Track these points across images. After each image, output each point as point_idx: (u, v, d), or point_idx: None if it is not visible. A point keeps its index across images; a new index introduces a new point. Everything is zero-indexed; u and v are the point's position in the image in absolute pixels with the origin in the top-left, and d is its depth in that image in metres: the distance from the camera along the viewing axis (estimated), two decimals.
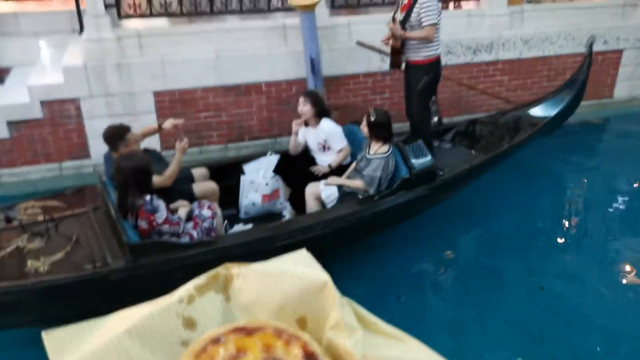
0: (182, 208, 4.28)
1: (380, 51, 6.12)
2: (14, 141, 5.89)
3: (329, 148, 4.99)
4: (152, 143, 5.67)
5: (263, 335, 0.41)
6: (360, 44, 6.21)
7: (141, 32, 6.14)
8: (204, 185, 4.81)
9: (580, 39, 7.53)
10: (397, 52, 5.25)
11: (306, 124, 5.00)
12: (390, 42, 5.23)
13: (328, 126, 4.93)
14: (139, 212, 3.80)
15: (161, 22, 6.50)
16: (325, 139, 4.95)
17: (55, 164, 6.07)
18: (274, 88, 6.49)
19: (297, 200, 4.87)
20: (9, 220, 4.08)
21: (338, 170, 4.95)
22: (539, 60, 7.48)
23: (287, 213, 5.02)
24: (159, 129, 4.85)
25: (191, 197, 4.59)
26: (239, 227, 4.78)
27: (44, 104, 5.87)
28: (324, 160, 5.01)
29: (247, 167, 5.13)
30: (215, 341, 0.41)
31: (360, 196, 4.61)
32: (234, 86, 6.34)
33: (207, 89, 6.27)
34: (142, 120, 6.16)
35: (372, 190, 4.56)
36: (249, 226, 4.78)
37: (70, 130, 5.94)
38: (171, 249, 3.82)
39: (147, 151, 4.75)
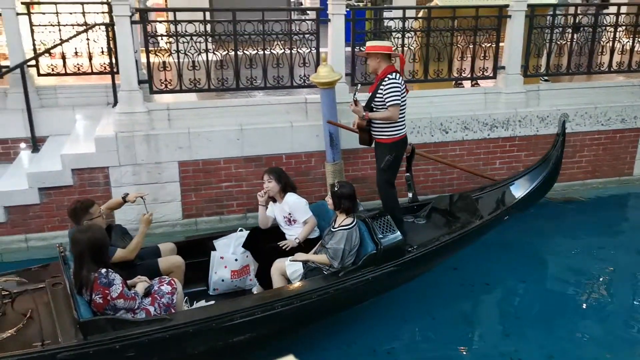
0: (141, 283, 4.25)
1: (349, 129, 6.24)
2: (43, 207, 6.16)
3: (294, 221, 5.08)
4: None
5: None
6: (331, 122, 6.38)
7: (170, 106, 6.49)
8: (169, 259, 4.83)
9: (597, 117, 7.67)
10: (363, 130, 5.42)
11: (274, 199, 5.14)
12: (356, 121, 5.42)
13: (292, 199, 5.05)
14: (94, 285, 3.76)
15: (190, 97, 6.86)
16: (289, 212, 5.06)
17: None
18: (294, 160, 6.71)
19: (265, 275, 4.85)
20: None
21: (307, 244, 5.00)
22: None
23: (256, 289, 5.03)
24: (124, 202, 4.95)
25: (156, 272, 4.60)
26: (200, 304, 4.72)
27: (74, 171, 6.17)
28: (292, 235, 5.08)
29: (218, 243, 5.18)
30: None
31: (325, 272, 4.58)
32: (255, 157, 6.59)
33: (230, 159, 6.52)
34: (167, 188, 6.42)
35: (336, 265, 4.54)
36: (210, 303, 4.67)
37: (98, 198, 6.20)
38: (123, 325, 3.75)
39: (111, 226, 4.85)
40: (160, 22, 9.42)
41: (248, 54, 6.64)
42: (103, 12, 8.05)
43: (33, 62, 7.19)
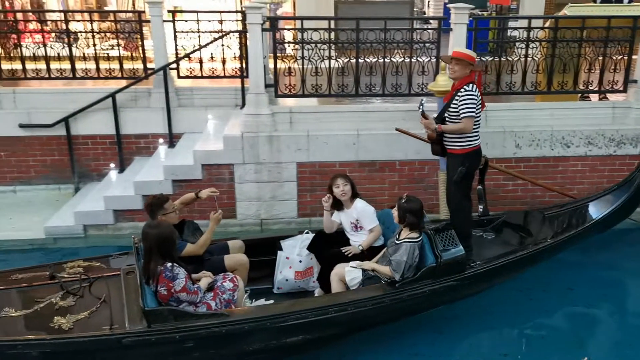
0: (205, 278, 4.47)
1: (420, 139, 6.16)
2: (174, 197, 6.73)
3: (361, 228, 5.10)
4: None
5: None
6: (399, 130, 6.29)
7: (293, 109, 6.88)
8: (235, 257, 5.02)
9: None
10: (435, 142, 5.31)
11: (339, 206, 5.18)
12: (428, 132, 5.34)
13: (360, 206, 5.08)
14: (159, 278, 4.01)
15: (311, 101, 7.22)
16: (357, 218, 5.08)
17: (205, 221, 6.82)
18: (407, 167, 6.83)
19: (326, 279, 4.92)
20: (52, 277, 4.50)
21: (369, 252, 5.00)
22: None
23: (317, 292, 5.09)
24: (196, 198, 5.22)
25: (222, 268, 4.81)
26: (259, 302, 4.82)
27: (204, 166, 6.73)
28: (356, 241, 5.10)
29: (285, 243, 5.30)
30: None
31: (383, 282, 4.59)
32: (370, 162, 6.79)
33: (345, 163, 6.78)
34: (285, 187, 6.80)
35: (397, 277, 4.51)
36: (270, 302, 4.79)
37: (222, 192, 6.70)
38: (184, 317, 3.98)
39: (184, 221, 5.11)
40: (288, 29, 9.94)
41: (369, 61, 6.86)
42: (237, 20, 8.65)
43: (174, 65, 7.90)
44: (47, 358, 3.82)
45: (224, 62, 7.98)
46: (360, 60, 6.86)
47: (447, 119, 5.18)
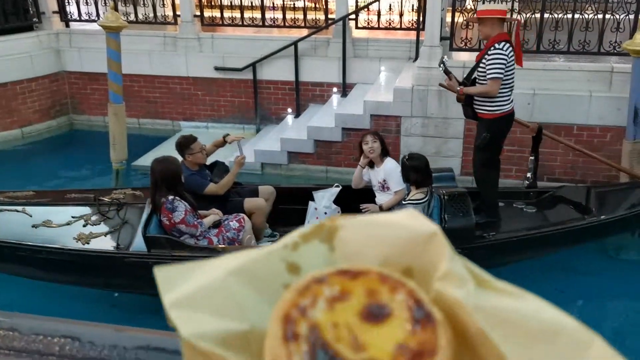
0: (212, 216, 4.64)
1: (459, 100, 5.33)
2: (343, 145, 7.11)
3: (387, 188, 4.89)
4: None
5: (367, 279, 0.39)
6: (442, 85, 5.50)
7: (466, 64, 6.68)
8: (253, 201, 5.03)
9: None
10: (465, 103, 4.86)
11: (371, 164, 4.97)
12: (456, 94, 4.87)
13: (390, 166, 4.86)
14: (162, 209, 4.34)
15: None
16: (384, 178, 4.88)
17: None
18: (586, 132, 6.34)
19: None
20: (95, 199, 5.01)
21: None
22: None
23: None
24: (224, 141, 5.26)
25: (241, 210, 4.87)
26: (262, 243, 4.81)
27: (372, 117, 6.94)
28: (382, 200, 4.93)
29: (316, 195, 5.24)
30: (319, 281, 0.39)
31: None
32: (544, 125, 6.40)
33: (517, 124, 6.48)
34: (450, 144, 6.75)
35: None
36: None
37: (388, 144, 6.86)
38: (181, 247, 4.29)
39: (216, 162, 5.27)
40: None
41: (555, 16, 6.38)
42: None
43: (353, 16, 8.11)
44: (61, 265, 4.47)
45: (401, 14, 7.98)
46: (545, 14, 6.41)
47: (477, 81, 4.85)
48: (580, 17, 6.32)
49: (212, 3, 8.81)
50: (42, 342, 0.73)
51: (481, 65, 4.82)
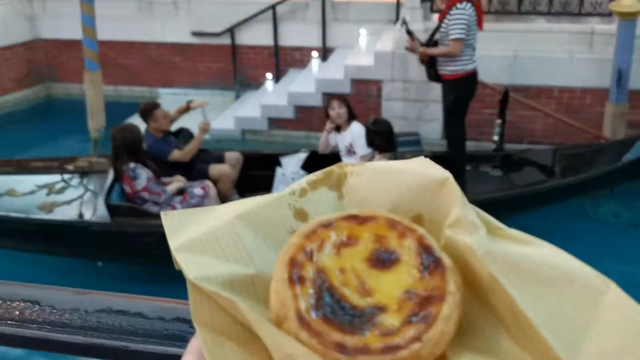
0: (176, 183, 4.60)
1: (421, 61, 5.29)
2: (324, 110, 7.03)
3: (354, 152, 4.87)
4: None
5: (375, 225, 0.39)
6: (408, 49, 5.26)
7: None
8: (218, 168, 4.98)
9: None
10: (428, 64, 4.84)
11: (338, 128, 4.97)
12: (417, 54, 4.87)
13: (356, 130, 4.82)
14: (123, 177, 4.33)
15: None
16: (351, 142, 4.86)
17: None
18: (567, 94, 6.34)
19: None
20: (59, 167, 4.98)
21: None
22: None
23: None
24: (188, 107, 5.16)
25: (206, 176, 4.83)
26: None
27: (353, 81, 6.86)
28: None
29: (284, 160, 5.22)
30: (326, 225, 0.39)
31: None
32: (525, 87, 6.40)
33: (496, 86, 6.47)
34: (431, 107, 6.71)
35: None
36: None
37: (369, 109, 6.81)
38: (143, 215, 4.31)
39: (181, 129, 5.17)
40: None
41: None
42: None
43: None
44: (26, 234, 4.46)
45: None
46: None
47: (438, 42, 4.82)
48: None
49: None
50: (1, 307, 0.70)
51: (443, 25, 4.77)
